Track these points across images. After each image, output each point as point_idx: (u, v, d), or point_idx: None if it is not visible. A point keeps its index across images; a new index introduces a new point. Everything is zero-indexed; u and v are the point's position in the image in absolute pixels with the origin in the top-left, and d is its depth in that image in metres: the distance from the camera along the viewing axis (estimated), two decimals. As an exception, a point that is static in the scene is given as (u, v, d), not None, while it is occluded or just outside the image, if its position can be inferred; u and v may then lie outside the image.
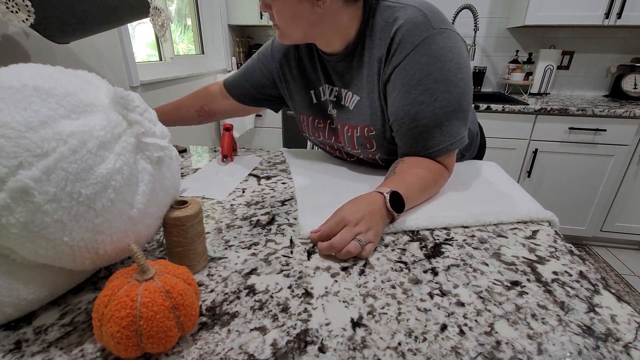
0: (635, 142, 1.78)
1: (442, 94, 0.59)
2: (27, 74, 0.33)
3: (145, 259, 0.32)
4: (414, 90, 0.60)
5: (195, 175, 0.78)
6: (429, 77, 0.58)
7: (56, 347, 0.33)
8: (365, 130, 0.69)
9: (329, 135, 0.78)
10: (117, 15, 0.87)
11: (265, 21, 2.19)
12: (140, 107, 0.38)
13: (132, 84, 1.44)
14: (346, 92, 0.70)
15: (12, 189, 0.29)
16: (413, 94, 0.60)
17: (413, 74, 0.59)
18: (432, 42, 0.58)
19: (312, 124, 0.79)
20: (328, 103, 0.75)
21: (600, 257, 2.00)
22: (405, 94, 0.60)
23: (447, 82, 0.59)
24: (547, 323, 0.37)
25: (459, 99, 0.61)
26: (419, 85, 0.59)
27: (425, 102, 0.60)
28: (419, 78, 0.59)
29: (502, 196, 0.65)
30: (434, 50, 0.58)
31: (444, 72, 0.59)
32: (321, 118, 0.77)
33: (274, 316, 0.37)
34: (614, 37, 2.09)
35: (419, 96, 0.60)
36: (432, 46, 0.58)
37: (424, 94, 0.59)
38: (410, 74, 0.59)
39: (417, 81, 0.59)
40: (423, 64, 0.58)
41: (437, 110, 0.60)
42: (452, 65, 0.59)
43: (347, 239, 0.47)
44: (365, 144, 0.71)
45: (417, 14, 0.58)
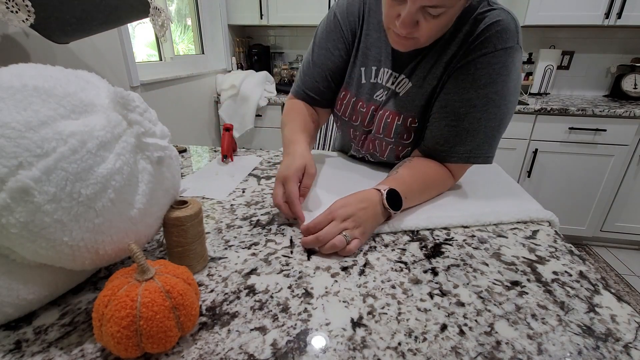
0: (635, 142, 1.78)
1: (494, 107, 0.59)
2: (27, 74, 0.33)
3: (145, 259, 0.32)
4: (473, 92, 0.58)
5: (195, 175, 0.78)
6: (492, 85, 0.58)
7: (56, 347, 0.33)
8: (408, 120, 0.67)
9: (369, 122, 0.72)
10: (117, 15, 0.87)
11: (265, 21, 2.19)
12: (140, 107, 0.38)
13: (132, 84, 1.44)
14: (403, 78, 0.67)
15: (12, 189, 0.29)
16: (470, 94, 0.59)
17: (481, 75, 0.58)
18: (511, 54, 0.57)
19: (354, 105, 0.73)
20: (381, 88, 0.70)
21: (600, 257, 2.00)
22: (463, 91, 0.59)
23: (503, 99, 0.59)
24: (547, 323, 0.37)
25: (503, 118, 0.60)
26: (480, 89, 0.58)
27: (477, 107, 0.59)
28: (484, 82, 0.58)
29: (502, 196, 0.65)
30: (508, 63, 0.57)
31: (506, 88, 0.58)
32: (365, 102, 0.72)
33: (274, 316, 0.37)
34: (614, 37, 2.09)
35: (474, 99, 0.59)
36: (509, 58, 0.57)
37: (479, 99, 0.58)
38: (478, 74, 0.58)
39: (480, 84, 0.58)
40: (493, 71, 0.57)
41: (483, 120, 0.59)
42: (512, 85, 0.59)
43: (333, 233, 0.48)
44: (403, 134, 0.68)
45: (511, 22, 0.57)
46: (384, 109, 0.70)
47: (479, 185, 0.70)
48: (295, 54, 2.54)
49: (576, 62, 2.19)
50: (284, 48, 2.56)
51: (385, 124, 0.69)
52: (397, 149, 0.72)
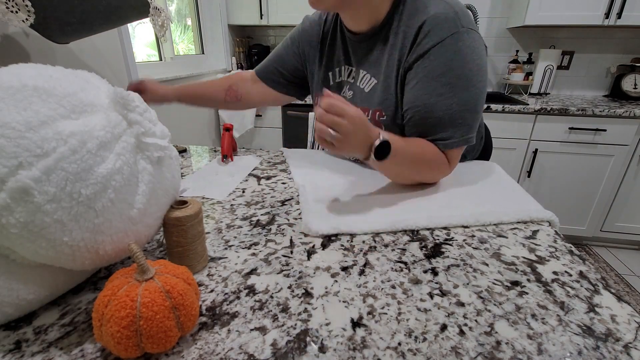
0: (635, 142, 1.77)
1: (461, 90, 0.61)
2: (27, 74, 0.33)
3: (145, 259, 0.32)
4: (435, 82, 0.60)
5: (195, 175, 0.78)
6: (451, 72, 0.60)
7: (56, 347, 0.33)
8: (376, 114, 0.69)
9: None
10: (117, 15, 0.87)
11: (265, 21, 2.19)
12: (140, 107, 0.38)
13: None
14: (364, 73, 0.71)
15: (12, 189, 0.29)
16: (433, 85, 0.61)
17: (436, 65, 0.60)
18: (459, 39, 0.59)
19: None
20: (344, 84, 0.75)
21: (600, 257, 2.00)
22: (425, 84, 0.61)
23: (468, 81, 0.60)
24: (547, 323, 0.37)
25: (475, 99, 0.62)
26: (440, 77, 0.60)
27: (444, 94, 0.61)
28: (442, 71, 0.60)
29: (502, 196, 0.65)
30: (459, 47, 0.59)
31: (466, 70, 0.60)
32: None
33: (274, 316, 0.37)
34: (614, 37, 2.09)
35: (438, 88, 0.60)
36: (458, 43, 0.59)
37: (444, 87, 0.60)
38: (433, 65, 0.60)
39: (439, 74, 0.60)
40: (447, 59, 0.59)
41: (454, 105, 0.61)
42: (473, 66, 0.60)
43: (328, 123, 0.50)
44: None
45: (449, 10, 0.59)
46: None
47: (479, 185, 0.70)
48: (295, 54, 2.54)
49: (576, 62, 2.19)
50: (284, 48, 2.55)
51: None
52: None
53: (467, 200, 0.63)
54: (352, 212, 0.58)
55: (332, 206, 0.61)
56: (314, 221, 0.55)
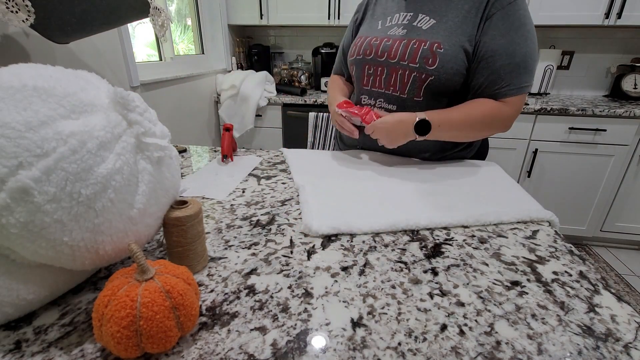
0: (635, 142, 1.77)
1: (531, 43, 0.73)
2: (27, 74, 0.33)
3: (145, 259, 0.32)
4: (513, 34, 0.72)
5: (195, 175, 0.78)
6: (525, 26, 0.73)
7: (56, 347, 0.33)
8: (434, 45, 0.75)
9: (382, 52, 0.81)
10: (117, 15, 0.87)
11: (265, 21, 2.19)
12: (140, 107, 0.38)
13: (132, 84, 1.44)
14: (423, 16, 0.78)
15: (12, 189, 0.29)
16: (512, 36, 0.72)
17: (513, 20, 0.72)
18: (524, 1, 0.73)
19: (368, 42, 0.84)
20: (395, 26, 0.82)
21: (600, 257, 2.00)
22: (505, 34, 0.72)
23: (532, 36, 0.74)
24: (547, 323, 0.37)
25: (535, 51, 0.75)
26: (518, 30, 0.72)
27: (521, 44, 0.72)
28: (518, 25, 0.72)
29: (502, 196, 0.65)
30: (525, 8, 0.73)
31: (531, 28, 0.74)
32: (379, 37, 0.83)
33: (274, 316, 0.37)
34: (614, 37, 2.09)
35: (516, 38, 0.72)
36: (524, 4, 0.73)
37: (520, 38, 0.72)
38: (511, 20, 0.72)
39: (517, 26, 0.72)
40: (521, 15, 0.72)
41: (527, 53, 0.73)
42: (532, 25, 0.74)
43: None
44: (428, 59, 0.75)
45: None
46: (408, 38, 0.78)
47: (479, 185, 0.70)
48: (295, 54, 2.54)
49: (576, 62, 2.19)
50: (284, 48, 2.56)
51: (412, 49, 0.77)
52: (421, 77, 0.77)
53: (467, 200, 0.63)
54: (352, 212, 0.59)
55: (332, 206, 0.61)
56: (314, 221, 0.55)
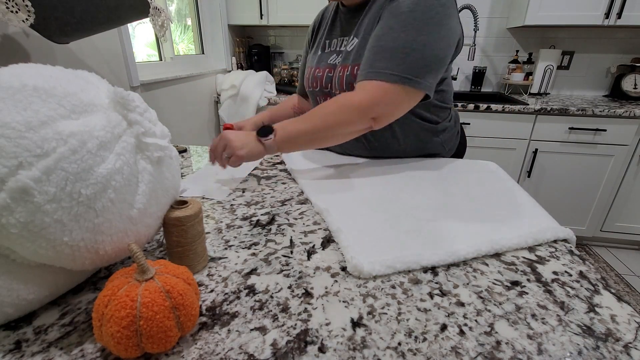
0: (635, 142, 1.77)
1: (413, 30, 0.64)
2: (27, 74, 0.33)
3: (145, 259, 0.32)
4: (392, 19, 0.66)
5: (195, 175, 0.78)
6: (410, 13, 0.64)
7: (56, 347, 0.33)
8: (355, 69, 0.73)
9: (326, 83, 0.82)
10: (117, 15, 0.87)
11: (265, 21, 2.19)
12: (140, 107, 0.38)
13: (132, 84, 1.44)
14: (350, 38, 0.77)
15: (12, 189, 0.29)
16: (390, 22, 0.66)
17: (397, 6, 0.65)
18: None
19: (314, 74, 0.85)
20: (334, 53, 0.81)
21: (600, 257, 2.00)
22: (385, 22, 0.67)
23: (425, 25, 0.63)
24: (547, 323, 0.37)
25: (427, 44, 0.64)
26: (399, 15, 0.65)
27: (395, 28, 0.64)
28: (402, 11, 0.65)
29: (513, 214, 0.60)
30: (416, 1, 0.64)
31: (427, 16, 0.63)
32: (321, 67, 0.83)
33: (274, 316, 0.37)
34: (614, 37, 2.09)
35: (393, 24, 0.65)
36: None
37: (398, 24, 0.65)
38: (397, 7, 0.66)
39: (399, 12, 0.65)
40: (412, 2, 0.64)
41: (401, 39, 0.64)
42: (434, 15, 0.64)
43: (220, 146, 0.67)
44: (352, 83, 0.73)
45: None
46: (342, 65, 0.77)
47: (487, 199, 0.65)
48: (295, 54, 2.54)
49: (576, 62, 2.19)
50: (284, 48, 2.56)
51: (339, 78, 0.77)
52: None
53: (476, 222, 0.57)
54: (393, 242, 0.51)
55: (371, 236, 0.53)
56: (364, 260, 0.46)
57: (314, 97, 0.89)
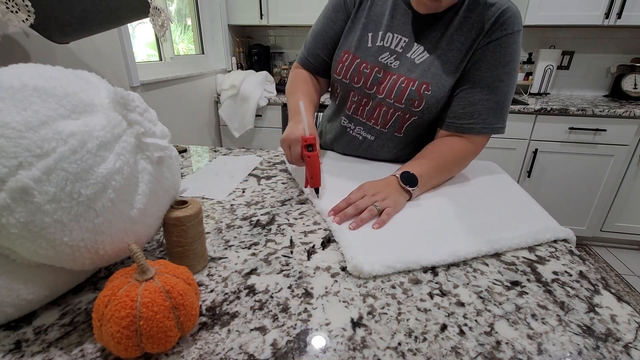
0: (635, 142, 1.77)
1: (514, 81, 0.69)
2: (27, 74, 0.33)
3: (145, 259, 0.32)
4: (500, 68, 0.67)
5: (195, 175, 0.78)
6: (513, 62, 0.67)
7: (56, 347, 0.33)
8: (422, 87, 0.71)
9: (372, 84, 0.75)
10: (117, 15, 0.87)
11: (265, 21, 2.19)
12: (140, 107, 0.38)
13: (132, 84, 1.44)
14: (418, 47, 0.72)
15: (12, 189, 0.29)
16: (498, 71, 0.67)
17: (504, 54, 0.66)
18: (520, 36, 0.67)
19: (357, 66, 0.76)
20: (387, 51, 0.74)
21: (600, 257, 2.00)
22: (492, 68, 0.67)
23: (516, 74, 0.69)
24: (547, 323, 0.37)
25: (514, 91, 0.71)
26: (506, 65, 0.67)
27: (504, 81, 0.68)
28: (508, 60, 0.67)
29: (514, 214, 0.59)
30: (519, 43, 0.68)
31: (517, 66, 0.69)
32: (370, 63, 0.75)
33: (274, 316, 0.37)
34: (614, 37, 2.09)
35: (502, 74, 0.67)
36: (519, 40, 0.67)
37: (506, 75, 0.67)
38: (502, 53, 0.66)
39: (505, 61, 0.67)
40: (513, 51, 0.67)
41: (507, 93, 0.69)
42: (518, 63, 0.69)
43: (367, 204, 0.57)
44: (414, 101, 0.72)
45: (516, 9, 0.67)
46: (398, 74, 0.73)
47: (487, 200, 0.65)
48: (295, 54, 2.54)
49: (576, 62, 2.19)
50: (283, 48, 2.56)
51: (399, 89, 0.73)
52: (404, 117, 0.75)
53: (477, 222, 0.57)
54: (395, 242, 0.51)
55: (371, 236, 0.53)
56: (364, 260, 0.45)
57: (348, 90, 0.79)
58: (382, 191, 0.60)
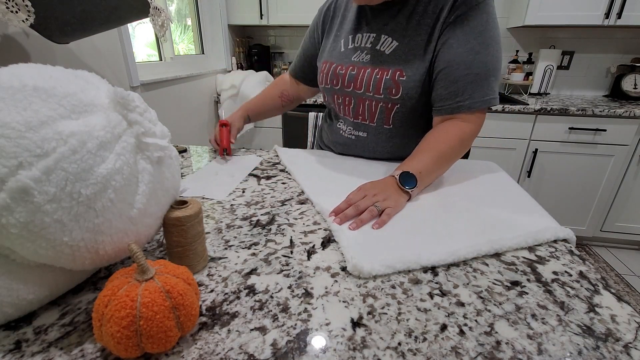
0: (635, 142, 1.77)
1: (493, 50, 0.67)
2: (27, 74, 0.33)
3: (145, 259, 0.32)
4: (473, 41, 0.66)
5: (195, 175, 0.78)
6: (486, 32, 0.66)
7: (56, 347, 0.33)
8: (396, 74, 0.72)
9: (348, 82, 0.79)
10: (117, 15, 0.87)
11: (265, 21, 2.19)
12: (140, 107, 0.38)
13: (132, 84, 1.44)
14: (386, 37, 0.74)
15: (12, 189, 0.29)
16: (472, 43, 0.66)
17: (474, 25, 0.65)
18: (489, 5, 0.66)
19: (334, 70, 0.80)
20: (358, 50, 0.78)
21: (600, 257, 2.00)
22: (464, 42, 0.66)
23: (496, 42, 0.67)
24: (547, 323, 0.37)
25: (499, 59, 0.69)
26: (478, 36, 0.66)
27: (481, 52, 0.66)
28: (479, 30, 0.66)
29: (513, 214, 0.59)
30: (490, 12, 0.66)
31: (494, 32, 0.67)
32: (344, 65, 0.79)
33: (274, 316, 0.37)
34: (614, 37, 2.09)
35: (476, 46, 0.66)
36: (489, 8, 0.66)
37: (480, 46, 0.66)
38: (471, 25, 0.66)
39: (477, 32, 0.66)
40: (483, 20, 0.66)
41: (489, 62, 0.67)
42: (497, 32, 0.68)
43: (367, 204, 0.57)
44: (392, 89, 0.73)
45: None
46: (372, 67, 0.75)
47: (487, 200, 0.65)
48: (295, 54, 2.54)
49: (576, 62, 2.19)
50: (284, 48, 2.56)
51: (375, 80, 0.74)
52: (387, 107, 0.76)
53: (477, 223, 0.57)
54: (395, 242, 0.51)
55: (372, 236, 0.53)
56: (364, 260, 0.45)
57: (331, 94, 0.83)
58: (383, 191, 0.60)
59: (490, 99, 0.68)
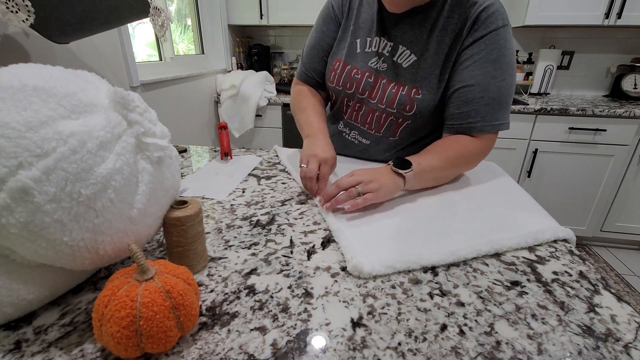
0: (635, 142, 1.77)
1: (508, 76, 0.67)
2: (27, 74, 0.33)
3: (145, 259, 0.32)
4: (490, 65, 0.66)
5: (195, 175, 0.78)
6: (503, 58, 0.66)
7: (56, 347, 0.33)
8: (412, 91, 0.71)
9: (363, 89, 0.77)
10: (117, 15, 0.87)
11: (265, 21, 2.19)
12: (140, 107, 0.38)
13: (132, 84, 1.44)
14: (404, 49, 0.72)
15: (12, 189, 0.29)
16: (488, 68, 0.66)
17: (492, 50, 0.66)
18: (507, 31, 0.66)
19: (349, 73, 0.77)
20: (375, 55, 0.75)
21: (600, 257, 2.00)
22: (480, 66, 0.66)
23: (511, 69, 0.68)
24: (547, 323, 0.37)
25: (513, 86, 0.69)
26: (495, 62, 0.66)
27: (497, 77, 0.66)
28: (497, 56, 0.66)
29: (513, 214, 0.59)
30: (508, 38, 0.66)
31: (511, 59, 0.67)
32: (360, 69, 0.76)
33: (274, 316, 0.37)
34: (614, 37, 2.09)
35: (492, 71, 0.66)
36: (507, 35, 0.66)
37: (497, 71, 0.66)
38: (489, 49, 0.66)
39: (494, 57, 0.66)
40: (501, 46, 0.66)
41: (503, 88, 0.67)
42: (514, 58, 0.68)
43: (349, 183, 0.58)
44: (406, 105, 0.72)
45: (499, 4, 0.66)
46: (387, 79, 0.74)
47: (487, 200, 0.65)
48: (295, 54, 2.54)
49: (576, 62, 2.19)
50: (284, 48, 2.56)
51: (390, 94, 0.73)
52: (397, 121, 0.75)
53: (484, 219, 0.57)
54: (396, 242, 0.51)
55: (372, 236, 0.53)
56: (364, 260, 0.45)
57: (342, 96, 0.80)
58: (371, 176, 0.59)
59: (502, 124, 0.69)
